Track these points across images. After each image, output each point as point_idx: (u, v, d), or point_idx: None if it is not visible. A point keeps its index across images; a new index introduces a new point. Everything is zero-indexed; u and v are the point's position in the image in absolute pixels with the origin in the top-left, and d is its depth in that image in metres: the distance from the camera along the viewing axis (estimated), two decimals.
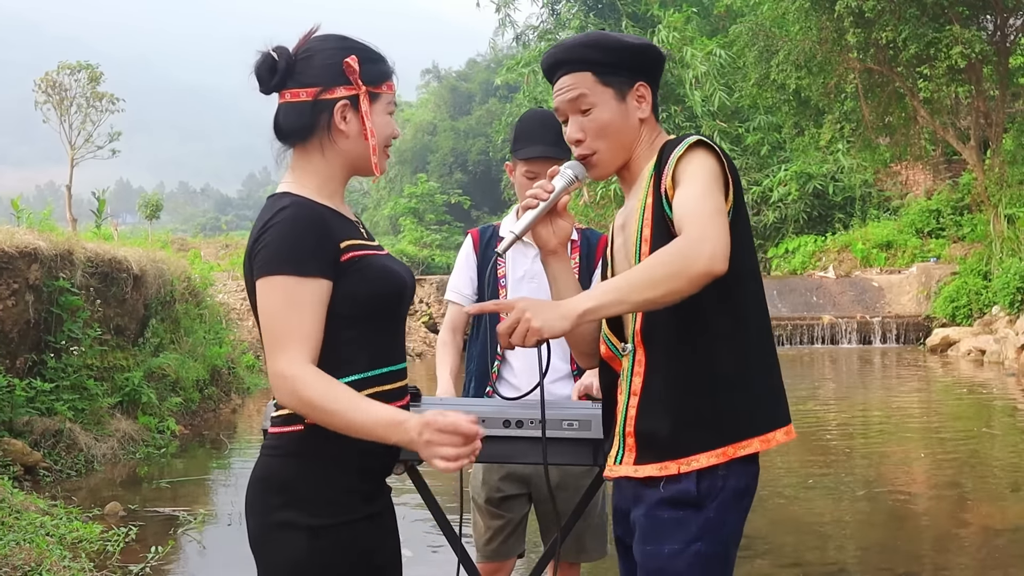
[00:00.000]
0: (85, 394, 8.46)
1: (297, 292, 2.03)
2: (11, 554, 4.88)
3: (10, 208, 11.24)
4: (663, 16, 28.08)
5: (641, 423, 2.23)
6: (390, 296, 2.17)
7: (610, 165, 2.34)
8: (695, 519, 2.16)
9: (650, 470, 2.20)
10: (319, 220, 2.09)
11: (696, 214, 2.05)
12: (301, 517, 2.07)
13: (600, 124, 2.30)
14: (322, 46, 2.19)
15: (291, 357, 2.00)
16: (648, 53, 2.33)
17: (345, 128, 2.16)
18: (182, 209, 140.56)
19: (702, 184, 2.11)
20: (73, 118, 34.38)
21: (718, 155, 2.17)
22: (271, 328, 2.03)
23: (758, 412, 2.21)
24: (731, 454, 2.16)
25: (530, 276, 3.41)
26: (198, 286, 12.60)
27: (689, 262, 1.98)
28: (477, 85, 57.16)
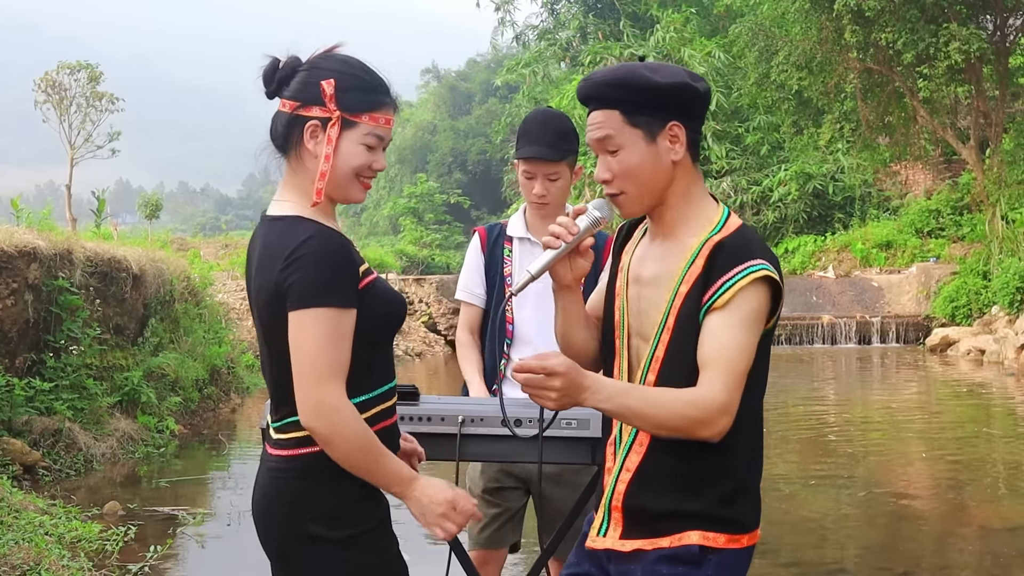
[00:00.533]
0: (84, 393, 8.45)
1: (340, 324, 2.07)
2: (10, 553, 4.88)
3: (10, 207, 11.23)
4: (662, 16, 28.08)
5: (631, 500, 2.18)
6: (397, 317, 2.23)
7: (638, 207, 2.22)
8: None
9: (638, 544, 2.16)
10: (346, 250, 2.12)
11: (730, 369, 2.05)
12: (330, 531, 2.14)
13: (628, 167, 2.16)
14: (322, 64, 2.19)
15: (336, 389, 2.06)
16: (683, 92, 2.15)
17: (312, 148, 2.16)
18: (182, 209, 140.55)
19: (743, 331, 2.07)
20: (73, 118, 34.38)
21: (775, 290, 2.11)
22: (314, 358, 2.06)
23: (753, 506, 2.21)
24: (720, 542, 2.14)
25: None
26: (198, 286, 12.59)
27: (703, 426, 2.03)
28: (477, 85, 57.17)
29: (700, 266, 2.12)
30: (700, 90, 2.17)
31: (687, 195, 2.21)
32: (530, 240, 3.44)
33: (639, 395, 2.06)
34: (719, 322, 2.08)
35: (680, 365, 2.12)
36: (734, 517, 2.16)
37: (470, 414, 2.81)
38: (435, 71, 67.36)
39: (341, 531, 2.14)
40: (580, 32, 30.80)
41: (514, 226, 3.49)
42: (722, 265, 2.09)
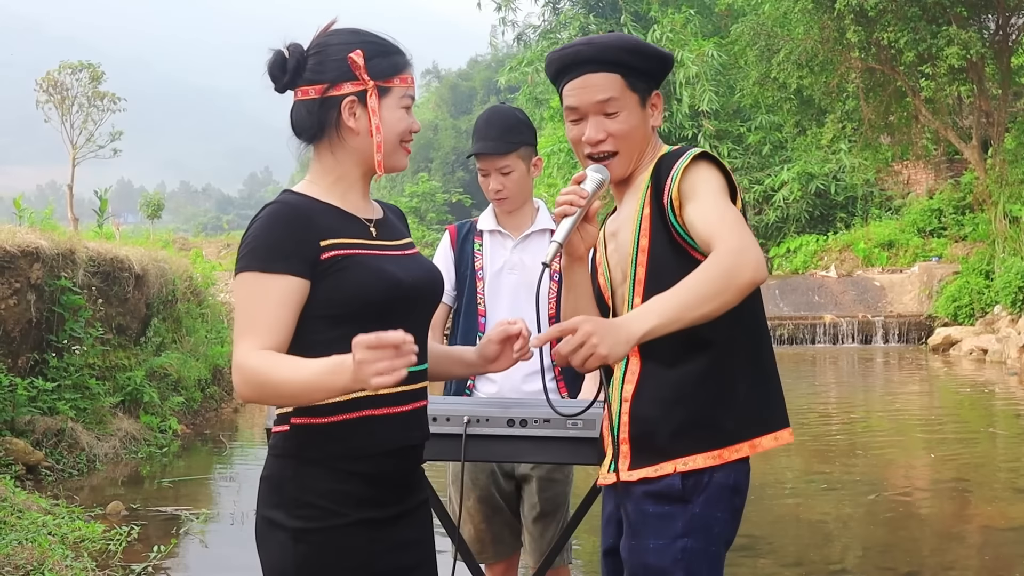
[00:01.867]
0: (87, 393, 8.46)
1: (261, 288, 2.01)
2: (13, 553, 4.88)
3: (12, 207, 11.23)
4: (662, 16, 28.07)
5: (635, 428, 2.22)
6: (376, 297, 2.07)
7: (624, 169, 2.34)
8: (680, 514, 2.15)
9: (645, 472, 2.20)
10: (298, 218, 2.05)
11: (727, 225, 2.08)
12: (287, 519, 2.06)
13: (626, 128, 2.29)
14: (332, 41, 2.14)
15: (243, 348, 1.97)
16: (670, 63, 2.36)
17: (354, 125, 2.11)
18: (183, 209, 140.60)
19: (718, 197, 2.14)
20: (75, 117, 34.41)
21: (722, 168, 2.20)
22: (237, 322, 2.03)
23: (753, 416, 2.22)
24: (725, 457, 2.17)
25: (510, 267, 3.40)
26: (200, 285, 12.60)
27: (737, 273, 2.01)
28: (478, 84, 57.22)
29: (651, 185, 2.24)
30: (673, 62, 2.40)
31: (652, 155, 2.34)
32: (500, 232, 3.45)
33: (670, 293, 2.01)
34: (693, 207, 2.14)
35: (662, 278, 2.14)
36: (723, 425, 2.18)
37: (475, 414, 2.80)
38: (435, 71, 67.38)
39: (295, 520, 2.05)
40: (582, 31, 30.77)
41: (484, 221, 3.50)
42: (665, 169, 2.25)
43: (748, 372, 2.23)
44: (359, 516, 2.07)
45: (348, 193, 2.17)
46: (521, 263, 3.39)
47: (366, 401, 2.06)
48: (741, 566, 5.49)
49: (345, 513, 2.06)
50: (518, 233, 3.42)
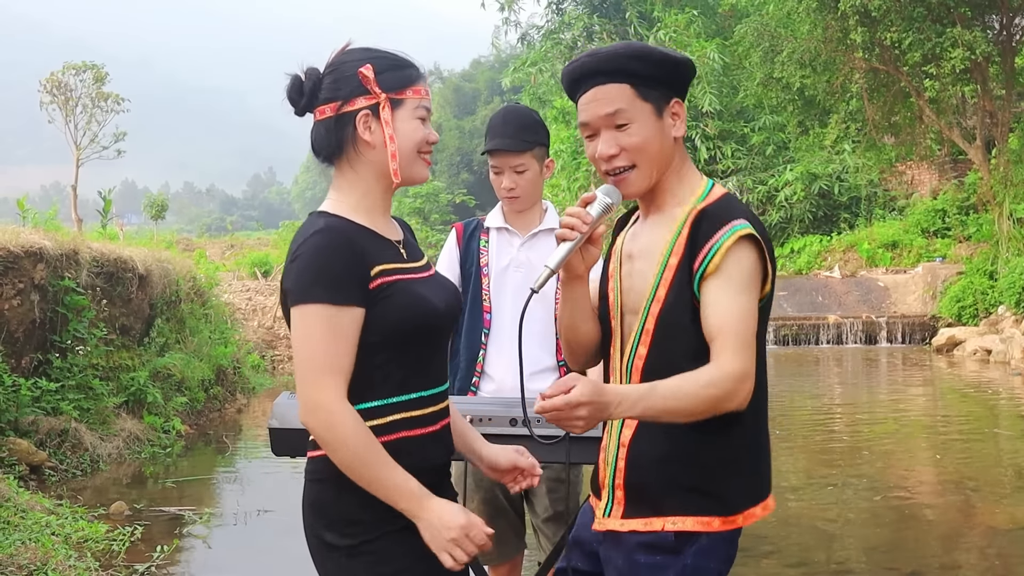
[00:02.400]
0: (90, 394, 8.47)
1: (334, 321, 2.03)
2: (17, 553, 4.88)
3: (15, 208, 11.25)
4: (665, 16, 28.07)
5: (630, 476, 2.19)
6: (419, 325, 2.12)
7: (646, 183, 2.22)
8: (672, 565, 2.12)
9: (635, 524, 2.16)
10: (349, 245, 2.07)
11: (739, 340, 2.05)
12: (338, 539, 2.10)
13: (640, 141, 2.17)
14: (345, 59, 2.17)
15: (330, 389, 2.02)
16: (687, 68, 2.22)
17: (370, 138, 2.14)
18: (187, 209, 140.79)
19: (742, 295, 2.08)
20: (79, 118, 34.46)
21: (762, 249, 2.12)
22: (309, 356, 2.03)
23: (748, 488, 2.19)
24: (715, 526, 2.12)
25: (515, 265, 3.40)
26: (203, 286, 12.61)
27: (727, 399, 2.03)
28: (482, 85, 57.24)
29: (686, 235, 2.14)
30: (693, 72, 2.25)
31: (680, 171, 2.24)
32: (508, 230, 3.45)
33: (660, 393, 2.03)
34: (717, 289, 2.08)
35: (671, 338, 2.13)
36: (721, 495, 2.14)
37: (478, 414, 2.80)
38: (438, 72, 67.41)
39: (348, 539, 2.09)
40: (585, 32, 30.79)
41: (492, 218, 3.51)
42: (706, 231, 2.11)
43: (751, 437, 2.20)
44: (402, 523, 2.09)
45: (373, 212, 2.19)
46: (528, 261, 3.39)
47: (402, 423, 2.12)
48: (744, 566, 5.48)
49: (393, 520, 2.08)
50: (526, 232, 3.42)
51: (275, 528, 6.42)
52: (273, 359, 16.18)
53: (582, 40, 30.97)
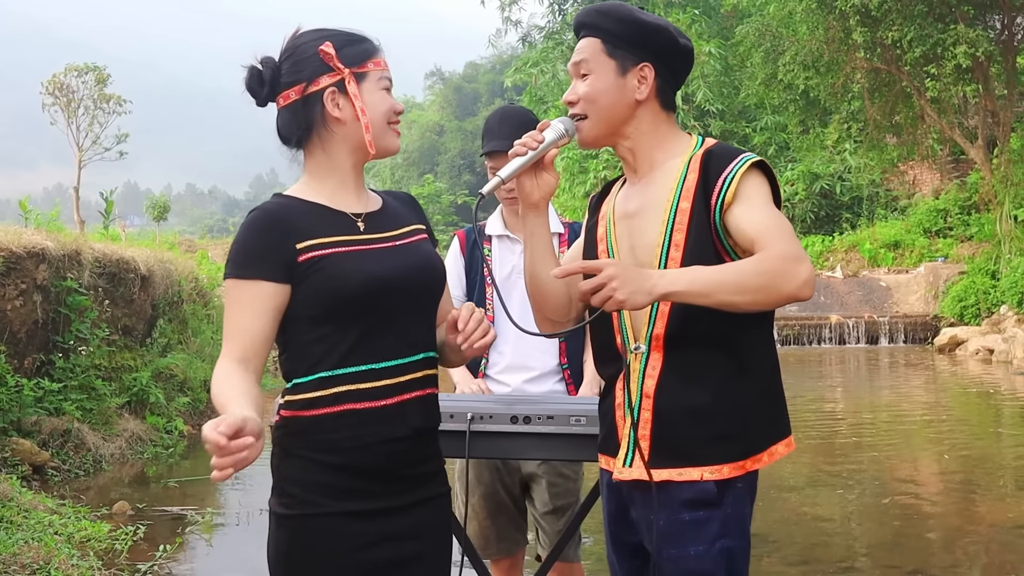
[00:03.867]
0: (93, 394, 8.47)
1: (237, 294, 2.10)
2: (20, 553, 4.90)
3: (18, 209, 11.26)
4: (667, 16, 28.08)
5: (659, 428, 2.19)
6: (349, 297, 2.09)
7: (593, 135, 2.29)
8: (716, 517, 2.15)
9: (667, 474, 2.18)
10: (273, 223, 2.11)
11: (785, 233, 2.08)
12: (275, 505, 2.15)
13: (592, 92, 2.26)
14: (299, 42, 2.19)
15: (221, 354, 2.10)
16: (659, 35, 2.25)
17: (339, 114, 2.16)
18: (189, 211, 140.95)
19: (767, 206, 2.14)
20: (81, 120, 34.49)
21: (774, 181, 2.20)
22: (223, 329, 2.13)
23: (770, 428, 2.23)
24: (748, 467, 2.18)
25: (518, 271, 3.41)
26: (206, 287, 12.62)
27: (785, 279, 2.01)
28: (483, 85, 57.22)
29: (695, 177, 2.19)
30: (680, 43, 2.27)
31: (656, 131, 2.29)
32: (509, 237, 3.46)
33: (711, 271, 2.03)
34: (745, 210, 2.13)
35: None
36: (754, 437, 2.19)
37: (479, 411, 2.81)
38: (439, 73, 67.43)
39: (279, 507, 2.14)
40: None
41: (492, 225, 3.51)
42: (717, 167, 2.17)
43: (768, 378, 2.25)
44: (336, 508, 2.10)
45: (339, 188, 2.20)
46: None
47: (347, 395, 2.10)
48: None
49: (318, 503, 2.09)
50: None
51: None
52: (275, 359, 16.17)
53: None
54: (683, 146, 2.27)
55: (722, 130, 26.18)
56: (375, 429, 2.11)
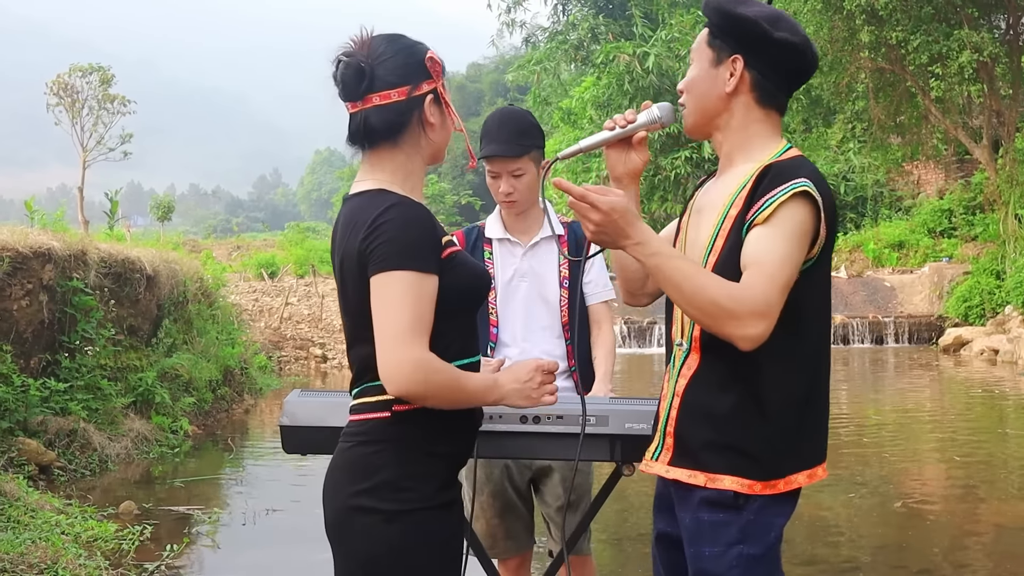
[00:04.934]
0: (99, 394, 8.48)
1: (420, 287, 2.09)
2: (27, 552, 4.91)
3: (23, 209, 11.28)
4: (671, 16, 28.08)
5: (680, 426, 2.22)
6: (481, 289, 2.27)
7: (688, 123, 2.33)
8: (735, 521, 2.14)
9: (680, 474, 2.20)
10: (428, 218, 2.16)
11: (766, 276, 2.06)
12: (379, 503, 2.11)
13: (690, 79, 2.31)
14: (396, 47, 2.24)
15: (419, 346, 2.06)
16: (747, 25, 2.20)
17: (435, 120, 2.25)
18: (193, 211, 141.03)
19: (784, 242, 2.09)
20: (85, 120, 34.53)
21: (817, 210, 2.12)
22: (396, 320, 2.06)
23: (794, 455, 2.18)
24: (756, 489, 2.14)
25: (520, 274, 3.41)
26: (211, 287, 12.63)
27: (732, 321, 2.04)
28: (486, 85, 57.26)
29: (749, 188, 2.17)
30: (773, 36, 2.20)
31: (746, 129, 2.27)
32: (509, 240, 3.45)
33: (682, 265, 2.09)
34: (759, 233, 2.11)
35: None
36: (770, 461, 2.15)
37: (488, 410, 2.81)
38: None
39: (390, 503, 2.11)
40: (591, 33, 30.79)
41: (492, 228, 3.49)
42: (767, 185, 2.14)
43: (796, 407, 2.19)
44: (442, 499, 2.17)
45: (414, 191, 2.26)
46: (531, 270, 3.39)
47: None
48: None
49: (433, 496, 2.15)
50: (527, 239, 3.42)
51: (283, 527, 6.44)
52: (280, 360, 16.20)
53: (587, 41, 30.96)
54: (765, 152, 2.24)
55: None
56: (474, 418, 2.26)
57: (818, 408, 2.23)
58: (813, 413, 2.22)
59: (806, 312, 2.16)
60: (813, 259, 2.15)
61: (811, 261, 2.14)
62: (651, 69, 26.72)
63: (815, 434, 2.23)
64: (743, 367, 2.14)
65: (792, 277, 2.08)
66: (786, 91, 2.29)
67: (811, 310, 2.18)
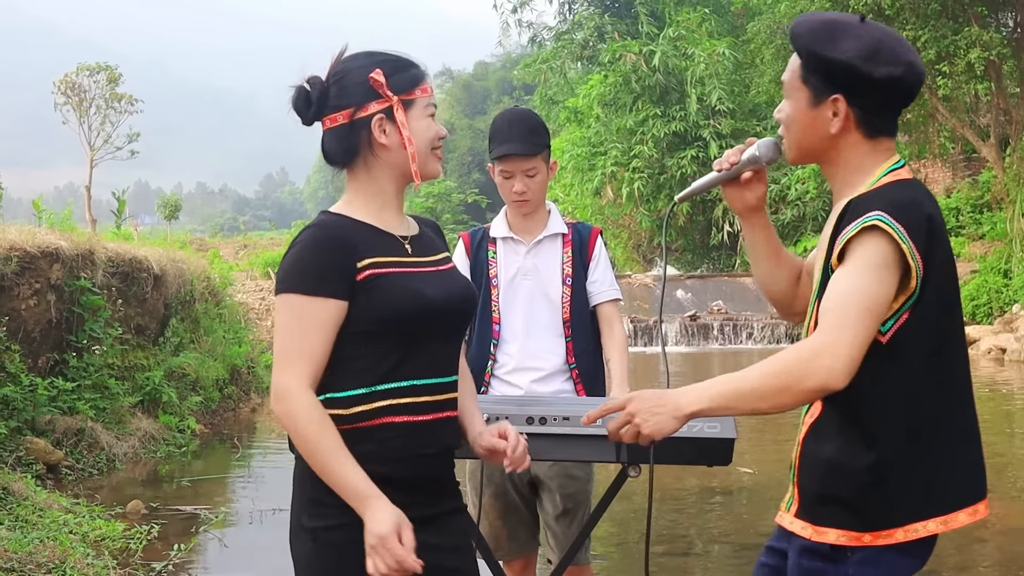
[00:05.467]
0: (106, 393, 8.50)
1: (306, 311, 2.09)
2: (35, 551, 4.92)
3: (30, 208, 11.31)
4: (677, 15, 28.06)
5: (800, 476, 2.15)
6: (405, 315, 2.14)
7: (791, 155, 2.25)
8: (832, 573, 2.05)
9: (798, 526, 2.13)
10: (337, 240, 2.13)
11: (832, 318, 1.97)
12: (308, 519, 2.15)
13: (788, 116, 2.20)
14: (350, 66, 2.21)
15: (293, 375, 2.07)
16: (850, 72, 2.07)
17: (386, 141, 2.18)
18: (200, 210, 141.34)
19: (855, 279, 1.98)
20: (92, 119, 34.61)
21: (893, 238, 1.97)
22: (280, 342, 2.10)
23: (912, 498, 2.04)
24: (866, 541, 2.02)
25: (523, 273, 3.42)
26: (217, 286, 12.64)
27: (802, 378, 1.94)
28: (493, 84, 57.28)
29: (832, 229, 2.11)
30: (874, 76, 2.06)
31: (858, 163, 2.15)
32: (513, 239, 3.45)
33: (731, 381, 2.01)
34: (836, 277, 2.03)
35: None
36: (877, 509, 2.03)
37: (493, 412, 2.81)
38: (448, 72, 67.45)
39: (315, 520, 2.13)
40: (597, 32, 30.79)
41: (497, 228, 3.50)
42: (845, 222, 2.04)
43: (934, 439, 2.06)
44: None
45: (383, 210, 2.24)
46: (535, 268, 3.40)
47: (387, 409, 2.13)
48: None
49: (353, 513, 2.09)
50: (530, 238, 3.43)
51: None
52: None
53: (593, 40, 30.96)
54: (867, 181, 2.13)
55: (733, 129, 26.16)
56: (412, 443, 2.16)
57: (953, 446, 2.08)
58: (946, 452, 2.07)
59: (921, 346, 2.04)
60: (915, 293, 2.01)
61: (913, 295, 2.01)
62: (657, 67, 26.70)
63: (951, 476, 2.07)
64: (857, 411, 2.05)
65: (867, 303, 1.96)
66: (894, 117, 2.19)
67: (927, 343, 2.05)
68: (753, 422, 8.92)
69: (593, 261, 3.45)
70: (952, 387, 2.12)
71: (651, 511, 2.42)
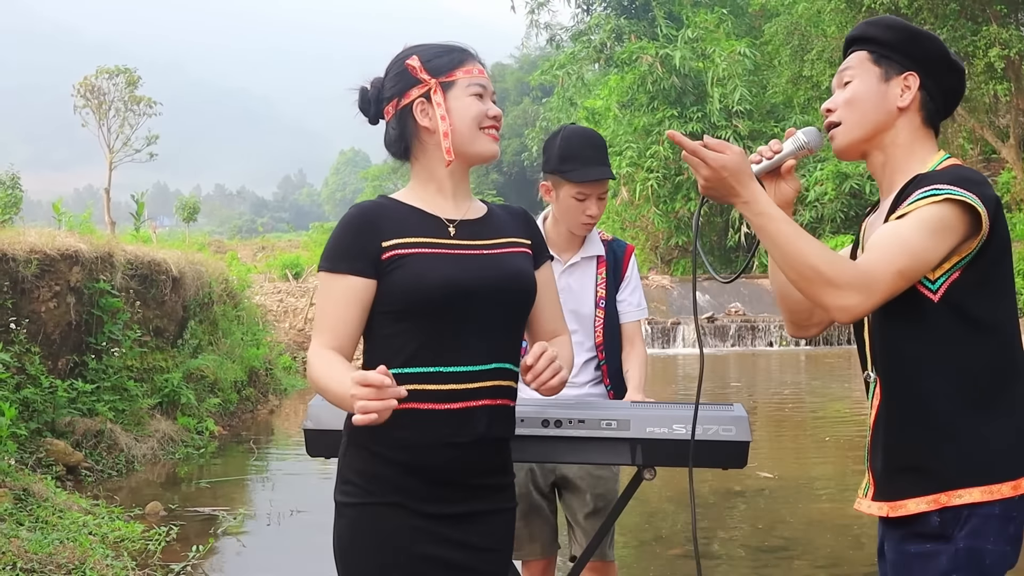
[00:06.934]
0: (125, 395, 8.55)
1: (328, 287, 2.21)
2: (55, 552, 4.95)
3: (50, 211, 11.39)
4: (693, 17, 28.01)
5: (873, 458, 2.17)
6: (428, 294, 2.14)
7: (847, 141, 2.24)
8: (944, 551, 2.02)
9: (876, 508, 2.13)
10: (364, 221, 2.21)
11: (881, 255, 1.99)
12: (338, 495, 2.24)
13: (852, 95, 2.22)
14: (392, 62, 2.30)
15: (315, 342, 2.20)
16: (929, 43, 2.21)
17: (428, 124, 2.23)
18: (218, 212, 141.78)
19: (914, 230, 1.99)
20: (111, 122, 34.78)
21: (962, 203, 1.99)
22: (315, 314, 2.27)
23: (984, 457, 2.03)
24: (943, 502, 2.02)
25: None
26: (236, 288, 12.69)
27: (827, 288, 1.97)
28: (511, 84, 57.25)
29: (892, 201, 2.12)
30: (952, 58, 2.22)
31: (910, 147, 2.20)
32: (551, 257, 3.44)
33: (787, 228, 2.02)
34: (888, 225, 2.05)
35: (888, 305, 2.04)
36: (956, 467, 2.02)
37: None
38: None
39: (341, 495, 2.22)
40: (614, 33, 30.78)
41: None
42: (910, 192, 2.06)
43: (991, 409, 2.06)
44: (393, 499, 2.17)
45: (437, 195, 2.28)
46: (568, 288, 3.37)
47: (414, 395, 2.11)
48: (776, 567, 5.48)
49: (377, 493, 2.17)
50: (567, 257, 3.41)
51: (309, 528, 6.46)
52: (304, 360, 16.25)
53: (610, 41, 30.95)
54: (919, 166, 2.17)
55: (750, 129, 26.08)
56: (437, 431, 2.15)
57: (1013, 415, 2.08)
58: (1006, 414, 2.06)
59: (979, 314, 2.05)
60: (973, 252, 2.03)
61: (970, 254, 2.03)
62: (677, 68, 26.67)
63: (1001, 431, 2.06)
64: (919, 377, 2.07)
65: (913, 264, 1.98)
66: (944, 114, 2.26)
67: (983, 306, 2.06)
68: (771, 428, 8.89)
69: (625, 280, 3.46)
70: (1012, 354, 2.11)
71: (695, 513, 2.40)
